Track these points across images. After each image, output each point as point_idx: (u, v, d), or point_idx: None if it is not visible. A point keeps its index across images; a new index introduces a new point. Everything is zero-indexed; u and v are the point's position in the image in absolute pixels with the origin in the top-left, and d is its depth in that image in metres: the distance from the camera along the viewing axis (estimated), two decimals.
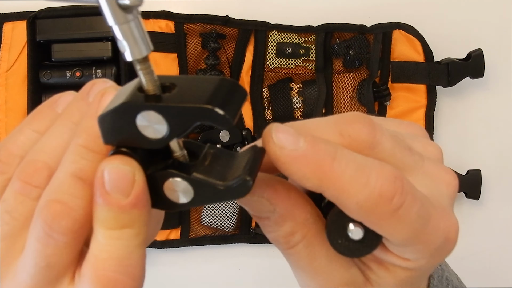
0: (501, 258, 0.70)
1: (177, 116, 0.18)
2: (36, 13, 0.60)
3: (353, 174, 0.19)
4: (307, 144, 0.19)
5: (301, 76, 0.68)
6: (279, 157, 0.19)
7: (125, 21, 0.17)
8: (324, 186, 0.20)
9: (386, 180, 0.19)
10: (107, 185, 0.19)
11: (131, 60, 0.18)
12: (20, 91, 0.63)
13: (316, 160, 0.19)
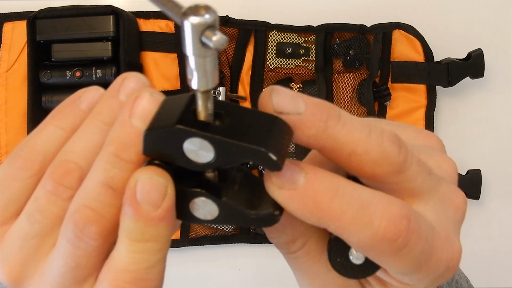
0: (501, 258, 0.70)
1: (228, 150, 0.18)
2: (36, 13, 0.60)
3: (355, 213, 0.19)
4: (307, 181, 0.19)
5: (301, 76, 0.68)
6: (278, 196, 0.19)
7: (203, 56, 0.17)
8: (324, 224, 0.19)
9: (391, 221, 0.19)
10: (138, 195, 0.19)
11: (195, 89, 0.18)
12: (20, 91, 0.63)
13: (315, 199, 0.19)
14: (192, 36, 0.16)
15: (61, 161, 0.22)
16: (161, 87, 0.64)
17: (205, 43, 0.16)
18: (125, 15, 0.60)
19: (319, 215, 0.19)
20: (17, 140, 0.63)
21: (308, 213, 0.19)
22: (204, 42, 0.16)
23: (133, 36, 0.62)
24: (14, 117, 0.64)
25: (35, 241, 0.22)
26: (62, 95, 0.61)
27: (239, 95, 0.67)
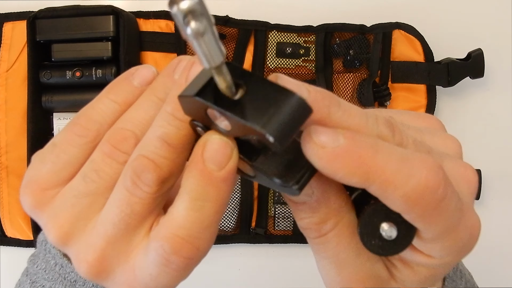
0: (501, 257, 0.70)
1: (237, 125, 0.19)
2: (36, 13, 0.60)
3: (398, 165, 0.19)
4: (347, 139, 0.19)
5: (301, 76, 0.68)
6: (321, 157, 0.19)
7: (194, 38, 0.17)
8: (370, 180, 0.19)
9: (431, 171, 0.19)
10: (206, 154, 0.20)
11: (207, 68, 0.19)
12: (20, 91, 0.63)
13: (359, 154, 0.19)
14: (177, 23, 0.17)
15: (119, 129, 0.23)
16: None
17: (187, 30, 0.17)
18: (125, 15, 0.60)
19: (365, 169, 0.19)
20: (17, 140, 0.63)
21: (355, 168, 0.19)
22: (185, 28, 0.17)
23: (133, 36, 0.62)
24: (14, 117, 0.64)
25: (87, 199, 0.23)
26: (62, 95, 0.61)
27: None
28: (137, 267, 0.22)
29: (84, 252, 0.23)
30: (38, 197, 0.24)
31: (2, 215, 0.64)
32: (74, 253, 0.24)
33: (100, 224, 0.23)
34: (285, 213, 0.67)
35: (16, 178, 0.64)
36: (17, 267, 0.67)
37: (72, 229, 0.23)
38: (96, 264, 0.23)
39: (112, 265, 0.23)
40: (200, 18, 0.16)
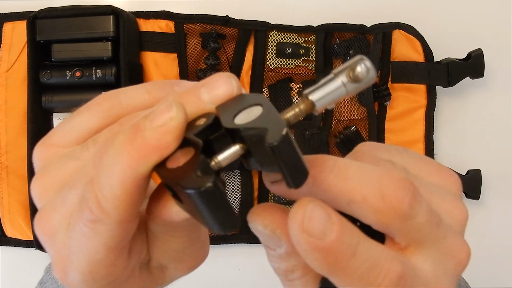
0: (501, 258, 0.70)
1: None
2: (36, 13, 0.60)
3: (364, 272, 0.19)
4: (336, 236, 0.18)
5: (301, 76, 0.68)
6: (302, 244, 0.18)
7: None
8: (333, 276, 0.19)
9: (391, 282, 0.19)
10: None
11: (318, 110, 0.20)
12: (20, 91, 0.63)
13: (337, 255, 0.18)
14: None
15: (136, 116, 0.22)
16: None
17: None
18: (125, 15, 0.60)
19: (334, 269, 0.19)
20: (17, 140, 0.63)
21: (326, 265, 0.19)
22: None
23: (133, 36, 0.62)
24: (14, 117, 0.64)
25: (75, 163, 0.22)
26: (62, 95, 0.61)
27: None
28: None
29: (44, 211, 0.22)
30: (43, 151, 0.24)
31: (2, 215, 0.64)
32: (41, 214, 0.23)
33: (68, 193, 0.22)
34: None
35: (16, 178, 0.64)
36: (17, 267, 0.67)
37: (49, 186, 0.23)
38: (43, 220, 0.22)
39: (57, 229, 0.22)
40: None
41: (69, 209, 0.21)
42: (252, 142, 0.19)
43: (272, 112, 0.19)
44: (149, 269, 0.25)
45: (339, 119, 0.67)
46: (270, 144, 0.18)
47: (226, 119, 0.20)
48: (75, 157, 0.23)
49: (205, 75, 0.65)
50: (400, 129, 0.68)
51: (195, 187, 0.18)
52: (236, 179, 0.67)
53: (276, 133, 0.18)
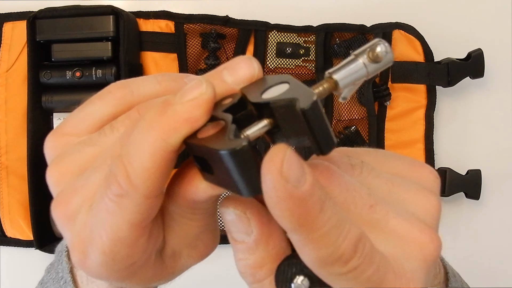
0: (501, 258, 0.70)
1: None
2: (36, 13, 0.60)
3: (328, 230, 0.19)
4: (309, 185, 0.18)
5: (301, 76, 0.68)
6: (278, 189, 0.17)
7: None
8: (299, 231, 0.19)
9: (351, 243, 0.19)
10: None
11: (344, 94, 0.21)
12: (20, 91, 0.63)
13: (308, 206, 0.18)
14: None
15: (153, 102, 0.23)
16: None
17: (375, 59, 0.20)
18: (125, 15, 0.60)
19: (303, 222, 0.18)
20: (17, 140, 0.63)
21: (296, 215, 0.18)
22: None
23: (133, 36, 0.62)
24: (14, 117, 0.64)
25: (92, 149, 0.23)
26: (62, 95, 0.61)
27: None
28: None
29: (63, 195, 0.22)
30: (56, 140, 0.24)
31: (2, 215, 0.64)
32: (60, 198, 0.23)
33: (87, 181, 0.22)
34: None
35: (16, 178, 0.64)
36: (17, 267, 0.67)
37: (67, 172, 0.23)
38: (67, 205, 0.22)
39: (79, 210, 0.22)
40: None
41: (92, 190, 0.21)
42: (281, 114, 0.19)
43: (300, 85, 0.20)
44: (162, 258, 0.25)
45: (339, 119, 0.67)
46: (302, 109, 0.18)
47: (254, 96, 0.20)
48: (93, 143, 0.23)
49: None
50: (400, 129, 0.68)
51: (230, 147, 0.18)
52: None
53: (307, 100, 0.19)
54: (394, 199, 0.22)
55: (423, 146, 0.68)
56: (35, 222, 0.60)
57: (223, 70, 0.22)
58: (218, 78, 0.21)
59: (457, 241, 0.70)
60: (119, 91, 0.24)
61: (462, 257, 0.70)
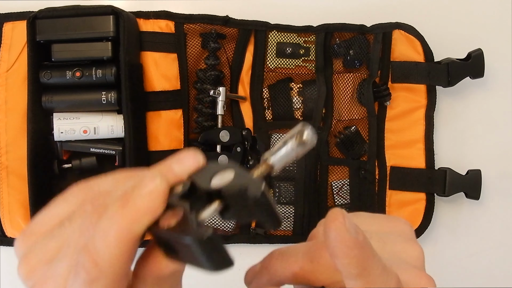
0: (501, 258, 0.70)
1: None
2: (36, 13, 0.60)
3: (382, 272, 0.23)
4: (363, 235, 0.22)
5: (301, 76, 0.68)
6: (346, 240, 0.22)
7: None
8: (361, 276, 0.22)
9: (395, 282, 0.23)
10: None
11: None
12: (20, 91, 0.63)
13: (367, 251, 0.22)
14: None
15: (107, 196, 0.25)
16: (161, 87, 0.64)
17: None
18: (125, 15, 0.60)
19: (365, 265, 0.22)
20: (17, 140, 0.63)
21: (359, 263, 0.22)
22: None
23: (133, 36, 0.62)
24: (14, 117, 0.64)
25: (59, 239, 0.25)
26: (62, 95, 0.61)
27: (239, 95, 0.67)
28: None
29: (36, 285, 0.25)
30: (24, 241, 0.26)
31: (2, 215, 0.64)
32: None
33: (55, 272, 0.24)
34: (285, 213, 0.67)
35: (16, 178, 0.64)
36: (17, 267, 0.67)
37: (35, 265, 0.25)
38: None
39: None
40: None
41: (63, 277, 0.24)
42: (232, 199, 0.23)
43: (244, 173, 0.24)
44: None
45: (339, 119, 0.67)
46: (254, 197, 0.22)
47: (204, 183, 0.24)
48: (55, 236, 0.25)
49: (205, 75, 0.65)
50: (400, 129, 0.68)
51: (197, 236, 0.21)
52: None
53: (257, 189, 0.23)
54: (388, 252, 0.27)
55: (423, 146, 0.68)
56: None
57: (172, 163, 0.25)
58: (169, 169, 0.25)
59: (457, 241, 0.70)
60: (80, 192, 0.26)
61: (462, 257, 0.70)
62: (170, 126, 0.64)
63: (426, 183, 0.67)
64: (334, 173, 0.68)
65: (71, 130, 0.62)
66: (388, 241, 0.27)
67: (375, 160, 0.67)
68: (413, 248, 0.27)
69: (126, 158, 0.60)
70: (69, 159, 0.64)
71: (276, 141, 0.67)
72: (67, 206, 0.26)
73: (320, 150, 0.67)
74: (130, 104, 0.59)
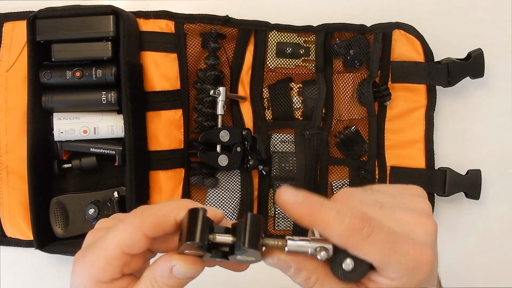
0: (501, 258, 0.70)
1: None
2: (36, 13, 0.60)
3: (335, 215, 0.29)
4: (303, 197, 0.29)
5: (301, 76, 0.68)
6: (285, 205, 0.29)
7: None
8: (315, 223, 0.29)
9: (357, 218, 0.29)
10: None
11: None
12: (20, 91, 0.63)
13: (309, 207, 0.29)
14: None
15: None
16: (161, 87, 0.64)
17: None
18: (125, 15, 0.60)
19: (312, 217, 0.29)
20: (17, 140, 0.63)
21: (306, 214, 0.29)
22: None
23: (133, 36, 0.62)
24: (14, 117, 0.64)
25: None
26: (62, 95, 0.61)
27: (239, 95, 0.67)
28: None
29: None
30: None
31: (2, 215, 0.64)
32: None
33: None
34: (285, 213, 0.67)
35: (16, 178, 0.64)
36: (17, 267, 0.67)
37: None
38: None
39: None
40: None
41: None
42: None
43: (256, 239, 0.30)
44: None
45: (339, 119, 0.67)
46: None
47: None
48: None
49: (205, 75, 0.65)
50: (400, 129, 0.68)
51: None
52: (236, 179, 0.67)
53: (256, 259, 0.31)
54: (397, 202, 0.33)
55: (423, 146, 0.68)
56: (35, 222, 0.60)
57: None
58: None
59: (457, 241, 0.70)
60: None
61: (462, 257, 0.70)
62: (170, 126, 0.64)
63: (426, 183, 0.67)
64: (334, 173, 0.68)
65: (71, 130, 0.62)
66: (397, 196, 0.33)
67: (375, 160, 0.67)
68: (420, 200, 0.33)
69: (126, 158, 0.60)
70: (69, 159, 0.64)
71: (276, 141, 0.68)
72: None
73: (320, 150, 0.67)
74: (130, 104, 0.59)
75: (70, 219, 0.64)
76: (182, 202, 0.32)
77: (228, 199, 0.66)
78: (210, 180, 0.66)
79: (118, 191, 0.63)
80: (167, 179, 0.64)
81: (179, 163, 0.65)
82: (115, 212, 0.62)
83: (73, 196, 0.64)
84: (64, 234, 0.63)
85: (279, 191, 0.29)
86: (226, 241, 0.30)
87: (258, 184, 0.67)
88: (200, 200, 0.67)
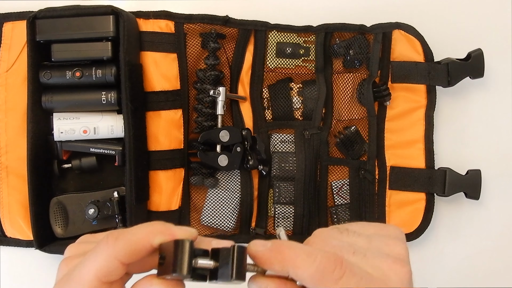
0: (501, 258, 0.70)
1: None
2: (36, 13, 0.60)
3: (305, 257, 0.29)
4: (272, 243, 0.30)
5: (301, 76, 0.68)
6: (256, 254, 0.30)
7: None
8: (285, 267, 0.29)
9: (328, 260, 0.29)
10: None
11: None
12: (20, 91, 0.63)
13: (278, 251, 0.29)
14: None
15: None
16: (161, 87, 0.64)
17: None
18: (125, 15, 0.60)
19: (282, 260, 0.29)
20: (17, 140, 0.63)
21: (275, 260, 0.29)
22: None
23: (133, 36, 0.62)
24: (14, 117, 0.64)
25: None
26: (62, 95, 0.61)
27: (239, 95, 0.67)
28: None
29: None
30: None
31: (2, 215, 0.64)
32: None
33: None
34: (285, 213, 0.67)
35: (16, 178, 0.64)
36: (17, 267, 0.67)
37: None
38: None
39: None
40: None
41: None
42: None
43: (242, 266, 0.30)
44: None
45: (339, 119, 0.67)
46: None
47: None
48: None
49: (205, 75, 0.65)
50: (400, 129, 0.68)
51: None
52: (236, 179, 0.67)
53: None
54: (372, 246, 0.32)
55: (423, 146, 0.68)
56: (35, 222, 0.60)
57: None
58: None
59: (457, 241, 0.70)
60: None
61: (462, 257, 0.70)
62: (170, 126, 0.64)
63: (426, 183, 0.67)
64: (334, 173, 0.68)
65: (71, 130, 0.62)
66: (374, 240, 0.33)
67: (375, 160, 0.67)
68: (396, 244, 0.32)
69: (126, 158, 0.60)
70: (69, 159, 0.65)
71: (276, 141, 0.68)
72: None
73: (320, 150, 0.67)
74: (130, 104, 0.59)
75: (70, 219, 0.64)
76: (155, 226, 0.31)
77: (228, 199, 0.66)
78: (210, 180, 0.66)
79: (118, 191, 0.64)
80: (167, 179, 0.64)
81: (179, 163, 0.65)
82: (115, 212, 0.62)
83: (73, 196, 0.64)
84: (64, 234, 0.63)
85: (249, 245, 0.30)
86: (208, 266, 0.30)
87: (258, 184, 0.67)
88: (200, 200, 0.68)
